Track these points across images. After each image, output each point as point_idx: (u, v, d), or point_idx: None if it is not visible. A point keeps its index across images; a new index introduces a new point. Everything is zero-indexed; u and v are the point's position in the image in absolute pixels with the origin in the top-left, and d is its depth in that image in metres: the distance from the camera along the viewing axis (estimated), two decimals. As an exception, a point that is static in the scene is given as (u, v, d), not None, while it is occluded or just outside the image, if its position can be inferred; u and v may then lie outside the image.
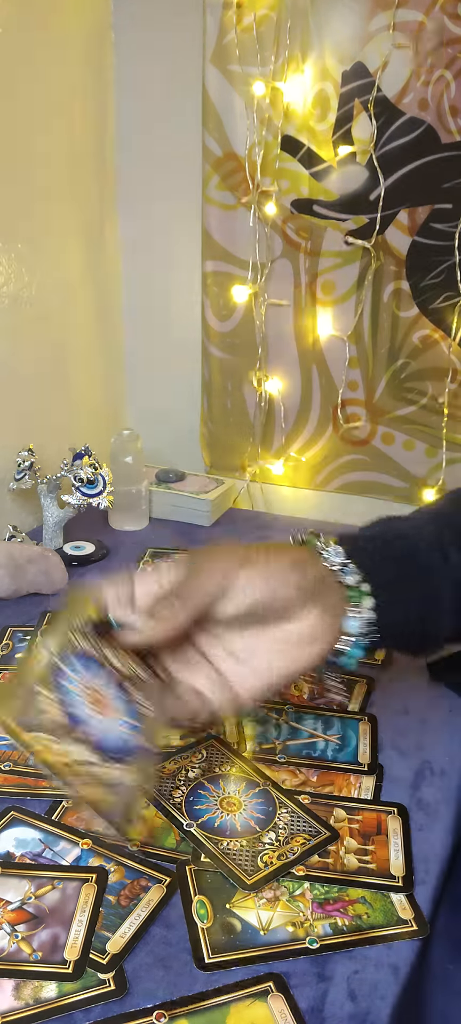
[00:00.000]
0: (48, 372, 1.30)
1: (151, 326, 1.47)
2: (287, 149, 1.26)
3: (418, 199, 1.21)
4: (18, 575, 1.01)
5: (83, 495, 1.14)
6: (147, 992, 0.52)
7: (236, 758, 0.73)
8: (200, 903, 0.58)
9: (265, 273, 1.32)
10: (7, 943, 0.55)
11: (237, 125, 1.28)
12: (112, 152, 1.40)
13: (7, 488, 1.18)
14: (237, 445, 1.43)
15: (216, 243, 1.35)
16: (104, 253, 1.42)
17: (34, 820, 0.65)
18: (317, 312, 1.31)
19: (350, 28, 1.19)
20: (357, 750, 0.75)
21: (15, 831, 0.64)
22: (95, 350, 1.43)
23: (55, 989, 0.52)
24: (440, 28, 1.14)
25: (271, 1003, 0.51)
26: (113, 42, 1.36)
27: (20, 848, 0.62)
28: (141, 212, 1.42)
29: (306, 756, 0.74)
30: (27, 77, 1.17)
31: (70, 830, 0.64)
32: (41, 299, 1.25)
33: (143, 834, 0.64)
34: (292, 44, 1.21)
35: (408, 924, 0.57)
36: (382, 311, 1.27)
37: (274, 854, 0.62)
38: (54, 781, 0.58)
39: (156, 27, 1.33)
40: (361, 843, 0.64)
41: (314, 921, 0.57)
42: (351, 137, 1.22)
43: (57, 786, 0.58)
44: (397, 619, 0.64)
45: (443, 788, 0.71)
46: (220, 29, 1.25)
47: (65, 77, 1.26)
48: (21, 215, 1.20)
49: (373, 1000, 0.52)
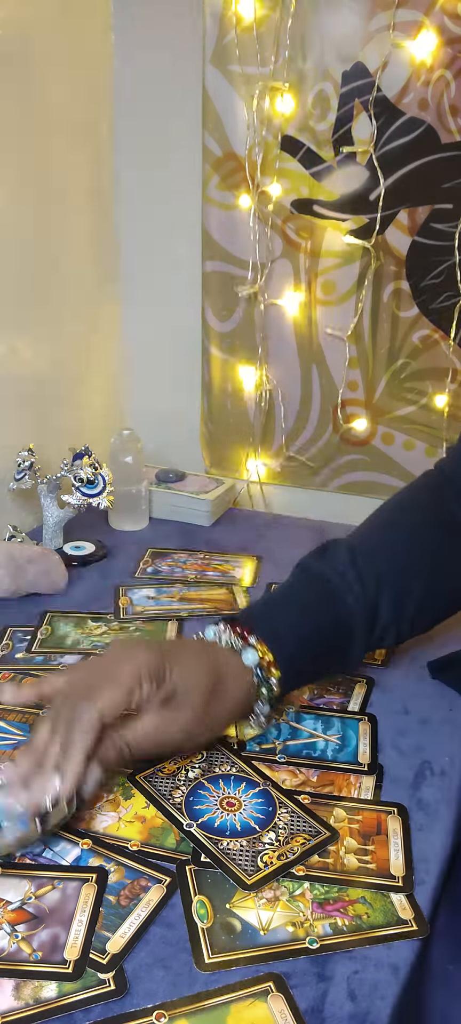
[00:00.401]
0: (48, 372, 1.30)
1: (151, 326, 1.47)
2: (287, 149, 1.26)
3: (418, 199, 1.21)
4: (18, 575, 1.01)
5: (83, 495, 1.14)
6: (147, 992, 0.52)
7: (236, 758, 0.73)
8: (200, 903, 0.58)
9: (265, 273, 1.32)
10: (7, 943, 0.55)
11: (237, 125, 1.28)
12: (112, 152, 1.40)
13: (7, 488, 1.18)
14: (237, 445, 1.43)
15: (216, 243, 1.35)
16: (103, 253, 1.42)
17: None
18: (317, 312, 1.31)
19: (350, 28, 1.19)
20: (357, 750, 0.75)
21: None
22: (95, 350, 1.43)
23: (55, 989, 0.52)
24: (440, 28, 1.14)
25: (271, 1003, 0.51)
26: (113, 43, 1.36)
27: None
28: (141, 212, 1.42)
29: (306, 756, 0.74)
30: (27, 78, 1.17)
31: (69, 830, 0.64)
32: (41, 299, 1.25)
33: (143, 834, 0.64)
34: (292, 44, 1.21)
35: (408, 924, 0.57)
36: (382, 311, 1.27)
37: (274, 854, 0.62)
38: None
39: (156, 28, 1.33)
40: (361, 843, 0.64)
41: (314, 921, 0.57)
42: (351, 137, 1.22)
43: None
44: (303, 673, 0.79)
45: (443, 788, 0.71)
46: (220, 29, 1.25)
47: (65, 78, 1.26)
48: (21, 215, 1.20)
49: (373, 1000, 0.52)
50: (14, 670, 0.86)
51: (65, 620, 0.97)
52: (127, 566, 1.12)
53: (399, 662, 0.90)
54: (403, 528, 0.84)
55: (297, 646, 0.76)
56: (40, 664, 0.88)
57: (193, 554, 1.16)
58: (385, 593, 0.79)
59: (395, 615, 0.80)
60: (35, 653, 0.90)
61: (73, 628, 0.95)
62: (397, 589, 0.80)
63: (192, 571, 1.11)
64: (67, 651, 0.90)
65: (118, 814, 0.66)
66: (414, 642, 0.90)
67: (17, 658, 0.89)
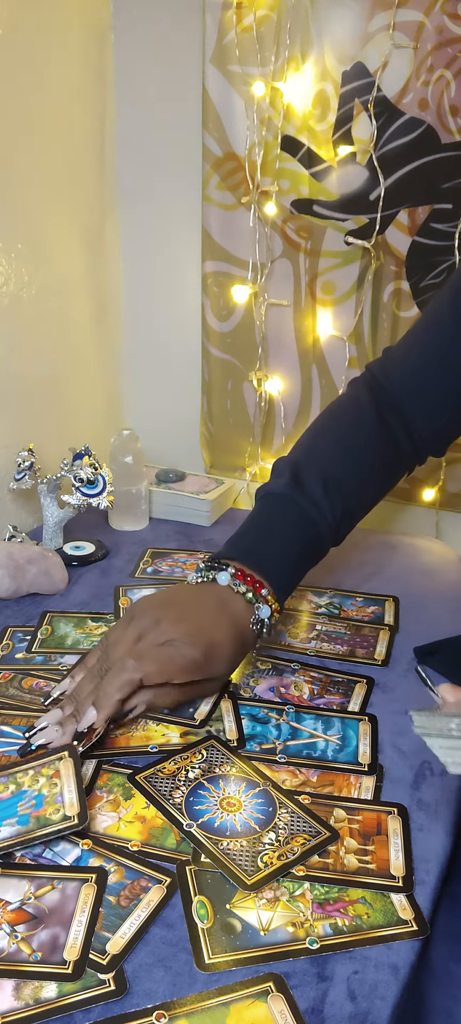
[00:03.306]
0: (48, 372, 1.30)
1: (151, 326, 1.47)
2: (287, 149, 1.26)
3: (418, 199, 1.21)
4: (18, 575, 1.01)
5: (83, 495, 1.14)
6: (147, 992, 0.52)
7: (236, 758, 0.73)
8: (200, 903, 0.58)
9: (265, 273, 1.32)
10: (7, 943, 0.55)
11: (237, 125, 1.28)
12: (112, 152, 1.40)
13: (7, 488, 1.19)
14: (237, 445, 1.43)
15: (216, 243, 1.35)
16: (104, 253, 1.42)
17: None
18: (317, 312, 1.31)
19: (350, 28, 1.19)
20: (357, 750, 0.75)
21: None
22: (95, 350, 1.43)
23: (55, 989, 0.52)
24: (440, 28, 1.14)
25: (271, 1003, 0.51)
26: (113, 43, 1.36)
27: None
28: (141, 212, 1.42)
29: (306, 756, 0.74)
30: (27, 78, 1.17)
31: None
32: (41, 299, 1.25)
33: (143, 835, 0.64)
34: (292, 44, 1.22)
35: (408, 924, 0.57)
36: (382, 311, 1.27)
37: (274, 854, 0.62)
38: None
39: (156, 28, 1.33)
40: (361, 843, 0.64)
41: (314, 921, 0.57)
42: (351, 137, 1.22)
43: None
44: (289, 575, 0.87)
45: (443, 788, 0.71)
46: (220, 29, 1.25)
47: (65, 78, 1.26)
48: (21, 215, 1.20)
49: (373, 1000, 0.52)
50: (14, 670, 0.86)
51: (65, 620, 0.97)
52: (127, 566, 1.12)
53: (399, 662, 0.90)
54: (350, 443, 0.94)
55: (292, 583, 0.88)
56: (40, 664, 0.88)
57: (193, 554, 1.16)
58: (338, 502, 0.90)
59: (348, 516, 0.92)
60: (35, 653, 0.90)
61: (73, 628, 0.95)
62: (348, 497, 0.91)
63: (192, 571, 1.11)
64: (67, 651, 0.90)
65: (118, 814, 0.66)
66: (414, 642, 0.90)
67: (17, 658, 0.89)
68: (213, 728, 0.77)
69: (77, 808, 0.63)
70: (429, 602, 1.04)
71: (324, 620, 0.98)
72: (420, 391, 0.92)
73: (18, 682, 0.84)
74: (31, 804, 0.64)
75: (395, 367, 0.95)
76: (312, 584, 1.05)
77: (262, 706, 0.81)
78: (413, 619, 0.99)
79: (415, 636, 0.94)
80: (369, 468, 0.93)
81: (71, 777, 0.66)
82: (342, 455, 0.92)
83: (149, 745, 0.75)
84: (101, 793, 0.68)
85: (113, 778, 0.70)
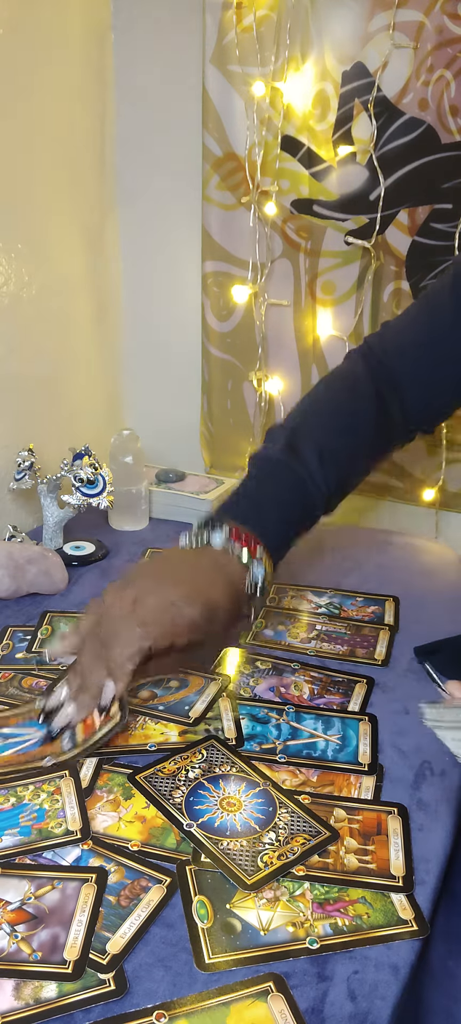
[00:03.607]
0: (48, 372, 1.30)
1: (151, 326, 1.47)
2: (287, 149, 1.26)
3: (418, 199, 1.21)
4: (18, 575, 1.01)
5: (83, 495, 1.14)
6: (147, 992, 0.52)
7: (236, 758, 0.73)
8: (200, 903, 0.58)
9: (265, 273, 1.32)
10: (7, 943, 0.55)
11: (237, 125, 1.28)
12: (112, 152, 1.40)
13: (7, 488, 1.18)
14: (237, 445, 1.43)
15: (216, 243, 1.35)
16: (104, 253, 1.42)
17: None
18: (317, 312, 1.31)
19: (350, 28, 1.19)
20: (357, 750, 0.75)
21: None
22: (95, 350, 1.43)
23: (55, 989, 0.52)
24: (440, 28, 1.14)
25: (271, 1003, 0.51)
26: (113, 43, 1.36)
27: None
28: (141, 212, 1.42)
29: (306, 756, 0.74)
30: (27, 78, 1.17)
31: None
32: (41, 299, 1.25)
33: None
34: (292, 44, 1.22)
35: (408, 924, 0.57)
36: (382, 311, 1.27)
37: (274, 854, 0.62)
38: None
39: (156, 28, 1.33)
40: (361, 843, 0.64)
41: (314, 921, 0.57)
42: (351, 137, 1.22)
43: None
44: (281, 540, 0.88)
45: (443, 788, 0.71)
46: (220, 29, 1.25)
47: (65, 78, 1.26)
48: (21, 215, 1.20)
49: (373, 1000, 0.52)
50: (14, 670, 0.86)
51: (65, 620, 0.97)
52: (127, 566, 1.12)
53: (399, 662, 0.90)
54: (343, 414, 0.94)
55: (285, 547, 0.89)
56: (40, 664, 0.88)
57: (193, 554, 1.16)
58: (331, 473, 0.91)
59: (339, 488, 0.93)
60: (35, 653, 0.90)
61: (73, 628, 0.95)
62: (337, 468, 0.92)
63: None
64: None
65: (118, 814, 0.66)
66: (414, 642, 0.90)
67: (17, 658, 0.89)
68: (211, 727, 0.77)
69: (80, 824, 0.64)
70: (429, 602, 1.04)
71: (324, 620, 0.98)
72: (415, 371, 0.93)
73: (18, 682, 0.84)
74: (32, 817, 0.64)
75: (393, 343, 0.95)
76: (312, 584, 1.05)
77: (262, 706, 0.81)
78: (413, 619, 0.99)
79: (415, 636, 0.94)
80: (364, 440, 0.94)
81: (73, 795, 0.67)
82: (338, 426, 0.93)
83: (148, 744, 0.75)
84: (101, 793, 0.68)
85: (113, 778, 0.70)
